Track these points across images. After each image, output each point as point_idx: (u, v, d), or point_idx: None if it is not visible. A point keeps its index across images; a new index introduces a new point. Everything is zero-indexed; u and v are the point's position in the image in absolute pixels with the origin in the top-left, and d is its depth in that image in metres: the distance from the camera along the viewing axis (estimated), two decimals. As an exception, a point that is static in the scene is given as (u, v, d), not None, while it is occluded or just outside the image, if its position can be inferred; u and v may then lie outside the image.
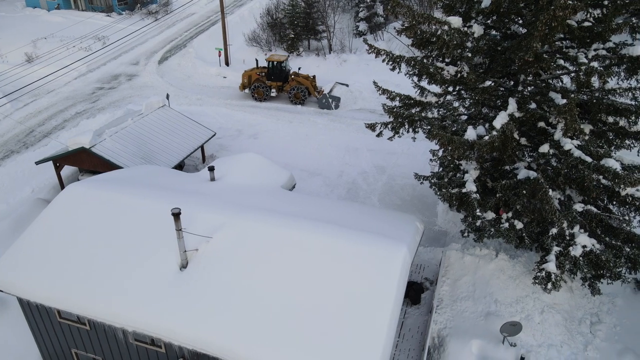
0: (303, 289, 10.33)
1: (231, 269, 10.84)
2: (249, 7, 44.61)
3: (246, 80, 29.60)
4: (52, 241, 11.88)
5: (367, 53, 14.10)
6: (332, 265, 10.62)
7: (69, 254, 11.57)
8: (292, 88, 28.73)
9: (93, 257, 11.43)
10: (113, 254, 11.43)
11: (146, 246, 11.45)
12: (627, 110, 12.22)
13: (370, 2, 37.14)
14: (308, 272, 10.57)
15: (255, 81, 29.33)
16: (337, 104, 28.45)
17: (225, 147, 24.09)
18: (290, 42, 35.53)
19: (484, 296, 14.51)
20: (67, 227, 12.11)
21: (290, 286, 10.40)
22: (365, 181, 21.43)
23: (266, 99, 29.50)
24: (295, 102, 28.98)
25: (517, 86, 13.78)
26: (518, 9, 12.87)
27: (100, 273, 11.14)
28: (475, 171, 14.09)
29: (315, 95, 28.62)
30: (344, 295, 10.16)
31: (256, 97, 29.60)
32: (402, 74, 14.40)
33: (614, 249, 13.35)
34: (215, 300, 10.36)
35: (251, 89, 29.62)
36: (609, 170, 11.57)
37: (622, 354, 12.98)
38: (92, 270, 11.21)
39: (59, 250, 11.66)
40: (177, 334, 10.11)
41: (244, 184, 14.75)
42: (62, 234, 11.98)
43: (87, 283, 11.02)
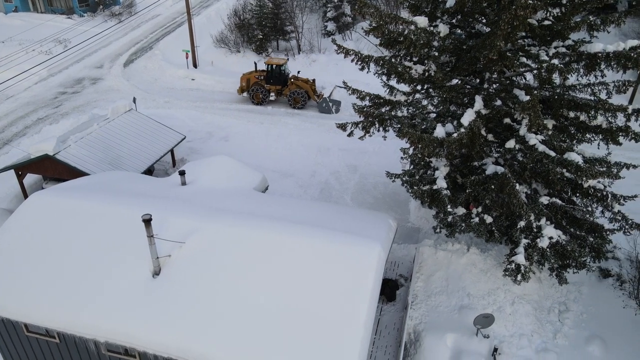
0: (278, 291, 10.29)
1: (205, 273, 10.70)
2: (216, 8, 44.11)
3: (244, 83, 29.11)
4: (17, 253, 11.46)
5: (336, 53, 14.17)
6: (306, 266, 10.62)
7: (35, 266, 11.18)
8: (291, 92, 28.27)
9: (61, 268, 11.09)
10: (82, 264, 11.11)
11: (117, 254, 11.18)
12: (587, 105, 12.69)
13: (337, 2, 37.30)
14: (282, 274, 10.54)
15: (253, 85, 28.84)
16: (338, 108, 28.10)
17: (195, 150, 23.76)
18: (258, 43, 35.33)
19: (457, 290, 14.79)
20: (32, 237, 11.70)
21: (265, 288, 10.35)
22: (337, 181, 21.52)
23: (264, 103, 29.04)
24: (295, 106, 28.58)
25: (483, 84, 14.11)
26: (481, 8, 13.18)
27: (68, 284, 10.81)
28: (445, 168, 14.36)
29: (315, 99, 28.17)
30: (319, 296, 10.18)
31: (254, 101, 29.10)
32: (371, 73, 14.55)
33: (579, 239, 13.85)
34: (190, 305, 10.21)
35: (249, 93, 29.13)
36: (572, 163, 12.00)
37: (589, 340, 13.48)
38: (60, 281, 10.87)
39: (24, 262, 11.25)
40: (151, 342, 9.91)
41: (216, 188, 14.58)
42: (27, 245, 11.56)
43: (55, 294, 10.67)
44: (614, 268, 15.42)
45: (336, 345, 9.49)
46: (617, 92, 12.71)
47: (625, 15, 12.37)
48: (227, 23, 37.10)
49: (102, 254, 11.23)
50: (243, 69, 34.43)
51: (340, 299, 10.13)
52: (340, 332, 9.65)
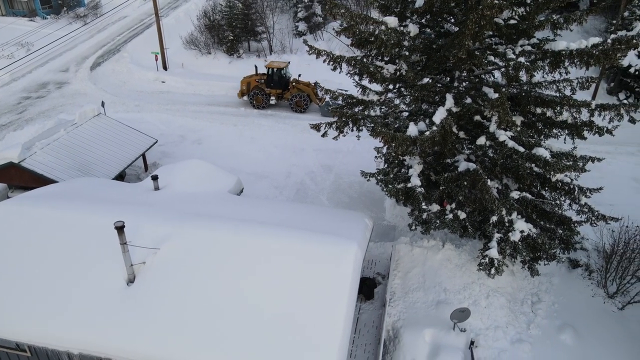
0: (256, 294, 10.23)
1: (181, 279, 10.54)
2: (185, 9, 43.47)
3: (245, 87, 28.62)
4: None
5: (308, 54, 14.18)
6: (284, 268, 10.59)
7: (2, 277, 10.79)
8: (293, 96, 27.84)
9: (30, 279, 10.74)
10: (53, 274, 10.80)
11: (89, 263, 10.91)
12: (552, 101, 13.06)
13: (308, 2, 37.32)
14: (259, 277, 10.49)
15: (254, 88, 28.36)
16: None
17: (168, 154, 23.38)
18: (229, 44, 35.02)
19: (433, 286, 15.01)
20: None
21: (242, 292, 10.27)
22: (313, 181, 21.53)
23: (265, 107, 28.58)
24: (297, 109, 28.22)
25: (453, 82, 14.36)
26: (450, 8, 13.41)
27: (39, 295, 10.48)
28: (418, 166, 14.56)
29: (317, 102, 27.74)
30: (298, 297, 10.17)
31: (255, 105, 28.63)
32: (344, 73, 14.61)
33: (549, 232, 14.27)
34: (166, 312, 10.04)
35: (250, 97, 28.65)
36: (540, 158, 12.35)
37: (561, 329, 13.89)
38: (30, 293, 10.52)
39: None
40: (127, 352, 9.71)
41: (190, 192, 14.39)
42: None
43: (25, 307, 10.33)
44: (582, 258, 15.95)
45: (316, 346, 9.50)
46: (580, 89, 13.13)
47: (586, 13, 12.79)
48: (196, 24, 36.62)
49: (74, 263, 10.94)
50: (214, 71, 34.13)
51: (319, 299, 10.15)
52: (319, 332, 9.66)
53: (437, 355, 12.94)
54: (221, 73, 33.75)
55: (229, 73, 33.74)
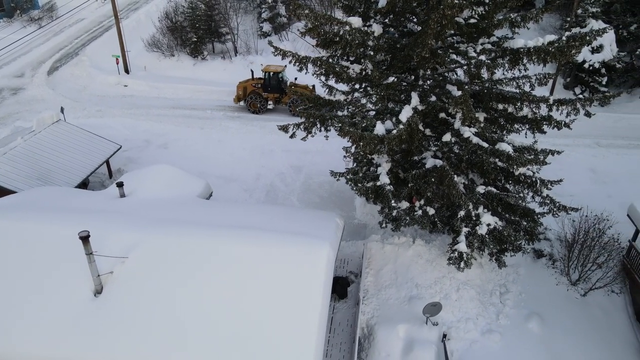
0: (229, 300, 10.11)
1: (151, 288, 10.31)
2: (146, 10, 42.46)
3: (241, 92, 27.86)
4: (-63, 283, 10.48)
5: (274, 55, 14.12)
6: (256, 272, 10.52)
7: (-41, 296, 10.29)
8: (292, 100, 27.10)
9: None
10: (13, 289, 10.36)
11: (53, 276, 10.52)
12: (513, 97, 13.47)
13: (272, 3, 37.13)
14: (232, 282, 10.37)
15: (250, 93, 27.64)
16: None
17: (133, 160, 22.80)
18: (193, 46, 34.46)
19: (405, 282, 15.24)
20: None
21: (215, 299, 10.14)
22: (283, 182, 21.46)
23: (262, 112, 27.90)
24: (296, 114, 27.70)
25: (418, 80, 14.60)
26: (412, 8, 13.63)
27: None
28: (387, 164, 14.73)
29: None
30: (271, 300, 10.12)
31: (252, 110, 27.94)
32: (310, 73, 14.62)
33: (514, 224, 14.71)
34: (135, 323, 9.80)
35: (246, 101, 27.95)
36: (503, 153, 12.71)
37: (529, 317, 14.35)
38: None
39: (-54, 293, 10.31)
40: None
41: (158, 198, 14.10)
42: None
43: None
44: (546, 248, 16.52)
45: (291, 347, 9.48)
46: (539, 85, 13.59)
47: (542, 12, 13.26)
48: (158, 26, 35.83)
49: (36, 276, 10.53)
50: (178, 73, 33.50)
51: (293, 301, 10.13)
52: (294, 334, 9.65)
53: (411, 350, 13.15)
54: (186, 75, 33.18)
55: (194, 75, 33.21)
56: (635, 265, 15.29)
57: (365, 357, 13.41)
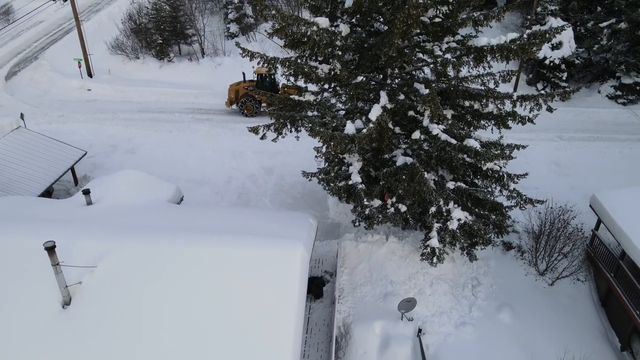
0: (203, 306, 9.96)
1: (122, 297, 10.06)
2: (108, 12, 41.39)
3: (233, 95, 27.18)
4: None
5: (241, 56, 14.00)
6: (230, 276, 10.41)
7: None
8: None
9: (-51, 313, 9.81)
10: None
11: (18, 288, 10.13)
12: (479, 94, 13.78)
13: (238, 4, 36.80)
14: (206, 288, 10.23)
15: (243, 96, 26.93)
16: None
17: (99, 166, 22.19)
18: (158, 48, 33.82)
19: (380, 279, 15.38)
20: None
21: (189, 305, 9.97)
22: (254, 184, 21.31)
23: (255, 115, 27.18)
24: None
25: (386, 79, 14.75)
26: (378, 8, 13.75)
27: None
28: (358, 163, 14.83)
29: None
30: (247, 304, 10.03)
31: (246, 113, 27.21)
32: (279, 74, 14.57)
33: (483, 218, 15.06)
34: (107, 334, 9.53)
35: (239, 105, 27.27)
36: (471, 149, 12.99)
37: (500, 308, 14.72)
38: (-50, 328, 9.61)
39: None
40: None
41: (126, 204, 13.77)
42: None
43: (-54, 343, 9.43)
44: (514, 241, 16.98)
45: (268, 350, 9.43)
46: (503, 81, 13.92)
47: (503, 10, 13.61)
48: (122, 28, 35.01)
49: (0, 289, 10.11)
50: (144, 76, 32.83)
51: (268, 303, 10.07)
52: (271, 336, 9.60)
53: (387, 346, 13.29)
54: (152, 78, 32.54)
55: (160, 78, 32.60)
56: (599, 254, 15.90)
57: (342, 356, 13.46)
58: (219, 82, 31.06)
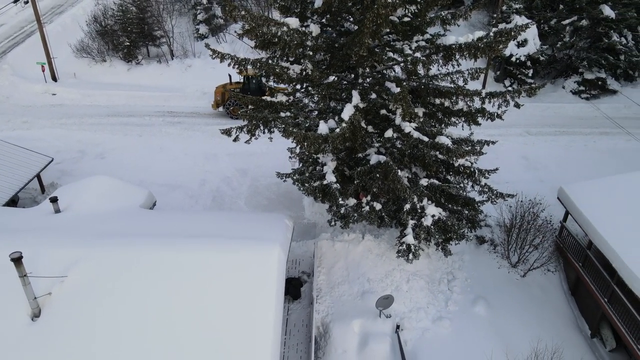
0: (179, 312, 9.81)
1: (95, 306, 9.81)
2: (71, 14, 40.22)
3: (219, 97, 26.47)
4: None
5: (212, 58, 13.84)
6: (206, 280, 10.28)
7: None
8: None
9: None
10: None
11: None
12: (448, 92, 14.00)
13: (207, 4, 36.36)
14: (182, 293, 10.08)
15: (230, 98, 26.28)
16: None
17: (67, 172, 21.56)
18: (126, 50, 33.10)
19: (357, 277, 15.46)
20: None
21: (165, 312, 9.81)
22: (229, 186, 21.10)
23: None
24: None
25: (358, 79, 14.83)
26: (347, 8, 13.80)
27: None
28: (332, 162, 14.86)
29: None
30: (225, 307, 9.94)
31: (233, 116, 26.51)
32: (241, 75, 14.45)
33: (456, 214, 15.32)
34: (79, 346, 9.28)
35: (226, 107, 26.61)
36: (443, 146, 13.18)
37: (475, 301, 15.01)
38: None
39: None
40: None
41: (97, 211, 13.44)
42: None
43: None
44: (487, 234, 17.34)
45: (247, 353, 9.35)
46: (471, 79, 14.18)
47: (470, 9, 13.87)
48: (87, 30, 34.10)
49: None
50: (112, 79, 32.08)
51: (246, 306, 10.00)
52: (249, 339, 9.53)
53: (366, 343, 13.37)
54: (120, 81, 31.84)
55: (129, 81, 31.93)
56: (567, 244, 16.39)
57: (322, 356, 13.47)
58: (190, 84, 30.66)
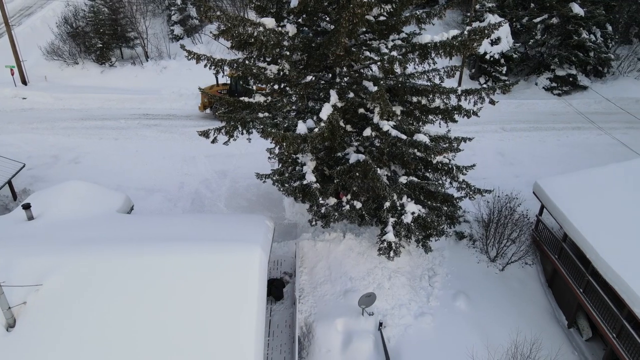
0: (160, 320, 9.66)
1: (71, 315, 9.58)
2: (41, 16, 39.23)
3: (206, 99, 25.90)
4: None
5: (187, 59, 13.67)
6: (187, 284, 10.15)
7: None
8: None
9: None
10: None
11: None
12: (425, 90, 14.15)
13: (181, 5, 35.93)
14: (162, 299, 9.93)
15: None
16: None
17: (40, 178, 21.01)
18: (99, 53, 32.44)
19: (339, 276, 15.49)
20: None
21: (145, 318, 9.64)
22: (208, 189, 20.89)
23: None
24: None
25: (335, 78, 14.86)
26: (323, 7, 13.81)
27: None
28: (312, 162, 14.85)
29: None
30: (206, 311, 9.83)
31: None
32: (227, 76, 14.34)
33: (436, 210, 15.48)
34: (55, 356, 9.04)
35: (213, 109, 25.97)
36: (421, 143, 13.31)
37: (456, 296, 15.21)
38: None
39: None
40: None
41: (72, 217, 13.13)
42: None
43: None
44: (466, 230, 17.60)
45: (231, 356, 9.28)
46: (447, 77, 14.36)
47: (444, 8, 14.04)
48: (57, 32, 33.28)
49: None
50: (85, 82, 31.40)
51: (228, 308, 9.92)
52: (233, 341, 9.46)
53: (350, 342, 13.41)
54: (93, 84, 31.18)
55: (103, 83, 31.31)
56: (543, 238, 16.76)
57: (306, 356, 13.46)
58: (166, 86, 30.24)
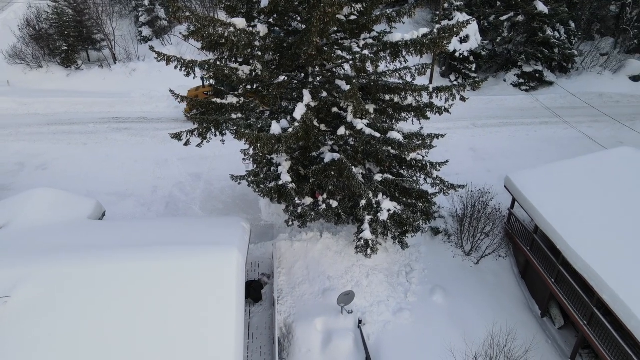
0: (137, 325, 9.46)
1: (43, 327, 9.27)
2: (2, 18, 37.82)
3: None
4: None
5: (157, 61, 13.42)
6: (163, 290, 9.97)
7: None
8: None
9: None
10: None
11: None
12: (397, 88, 14.28)
13: (149, 6, 35.27)
14: (139, 305, 9.72)
15: None
16: None
17: (5, 187, 20.29)
18: (64, 55, 31.54)
19: (317, 276, 15.49)
20: None
21: (121, 326, 9.42)
22: (182, 192, 20.58)
23: None
24: None
25: (308, 78, 14.84)
26: (294, 7, 13.78)
27: None
28: (287, 162, 14.81)
29: None
30: (184, 316, 9.67)
31: None
32: (199, 78, 14.15)
33: (411, 207, 15.65)
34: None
35: None
36: (395, 141, 13.43)
37: (433, 291, 15.42)
38: None
39: None
40: None
41: (41, 225, 12.72)
42: None
43: None
44: (441, 225, 17.86)
45: None
46: (419, 75, 14.57)
47: (414, 7, 14.19)
48: (19, 35, 32.21)
49: None
50: (50, 86, 30.49)
51: (206, 312, 9.79)
52: (212, 345, 9.34)
53: (330, 341, 13.44)
54: (59, 88, 30.30)
55: (69, 87, 30.48)
56: (516, 230, 17.15)
57: (286, 357, 13.41)
58: (136, 89, 29.64)
